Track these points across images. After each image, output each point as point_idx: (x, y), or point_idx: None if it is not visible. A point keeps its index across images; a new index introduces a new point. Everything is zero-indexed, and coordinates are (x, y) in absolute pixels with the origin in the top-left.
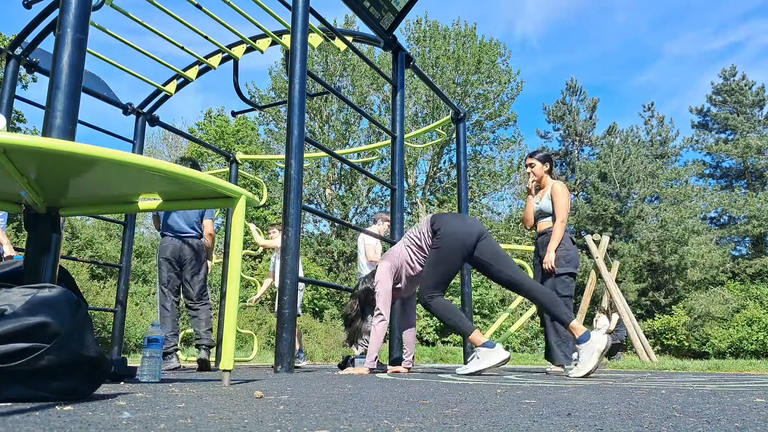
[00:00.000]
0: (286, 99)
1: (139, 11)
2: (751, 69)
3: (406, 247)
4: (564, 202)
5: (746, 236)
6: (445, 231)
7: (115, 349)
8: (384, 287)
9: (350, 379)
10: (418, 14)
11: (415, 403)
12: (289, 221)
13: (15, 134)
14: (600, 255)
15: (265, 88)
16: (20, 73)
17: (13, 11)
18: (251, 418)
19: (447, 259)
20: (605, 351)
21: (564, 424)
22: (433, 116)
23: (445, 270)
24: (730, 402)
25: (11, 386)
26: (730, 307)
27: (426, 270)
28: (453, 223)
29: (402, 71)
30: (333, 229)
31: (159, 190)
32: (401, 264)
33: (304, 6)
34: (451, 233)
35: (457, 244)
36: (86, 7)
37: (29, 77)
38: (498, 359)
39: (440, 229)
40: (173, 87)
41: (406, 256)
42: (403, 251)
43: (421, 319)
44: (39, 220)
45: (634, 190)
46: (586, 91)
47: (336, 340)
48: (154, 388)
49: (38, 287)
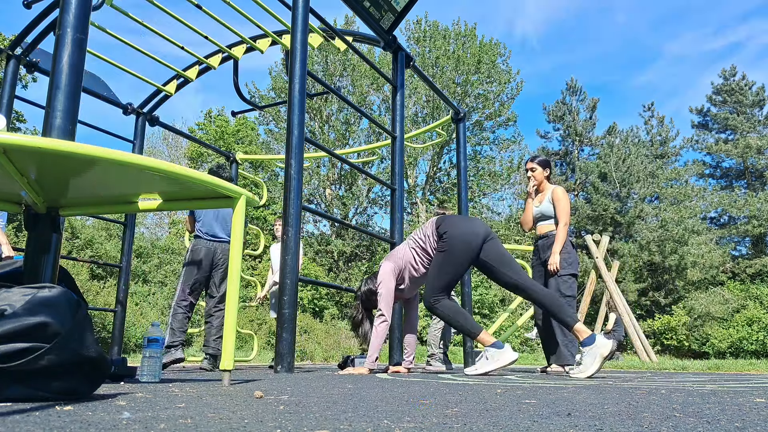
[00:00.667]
0: (286, 99)
1: (139, 11)
2: (751, 69)
3: (411, 249)
4: (566, 206)
5: (746, 236)
6: (452, 233)
7: (115, 349)
8: (387, 288)
9: (350, 379)
10: (418, 14)
11: (415, 403)
12: (289, 221)
13: (15, 134)
14: (600, 255)
15: (265, 88)
16: (20, 73)
17: (13, 11)
18: (251, 418)
19: (453, 262)
20: (609, 356)
21: (564, 424)
22: (433, 116)
23: (452, 272)
24: (730, 402)
25: (11, 386)
26: (730, 307)
27: (432, 272)
28: (459, 226)
29: (402, 71)
30: (333, 229)
31: (159, 190)
32: (405, 265)
33: (304, 6)
34: (458, 235)
35: (464, 246)
36: (86, 7)
37: (29, 77)
38: (507, 360)
39: (447, 232)
40: (173, 87)
41: (410, 257)
42: (408, 253)
43: (421, 320)
44: (39, 220)
45: (634, 190)
46: (586, 91)
47: (336, 340)
48: (154, 388)
49: (38, 287)
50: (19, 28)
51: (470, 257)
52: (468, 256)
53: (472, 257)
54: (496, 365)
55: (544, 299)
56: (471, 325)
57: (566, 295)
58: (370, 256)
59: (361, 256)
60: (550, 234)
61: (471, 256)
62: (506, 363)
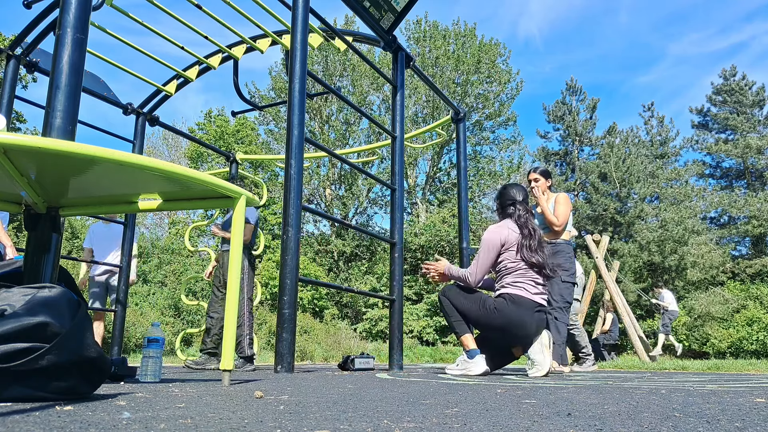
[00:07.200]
0: (286, 99)
1: (139, 11)
2: (752, 69)
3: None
4: (565, 210)
5: (746, 236)
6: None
7: (115, 349)
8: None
9: (350, 379)
10: (418, 14)
11: (415, 403)
12: (289, 221)
13: (15, 134)
14: (600, 255)
15: (265, 88)
16: (20, 73)
17: (13, 11)
18: (251, 418)
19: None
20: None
21: (564, 424)
22: (433, 116)
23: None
24: (730, 402)
25: (11, 386)
26: (730, 307)
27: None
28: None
29: (402, 71)
30: (333, 229)
31: (159, 190)
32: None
33: (304, 6)
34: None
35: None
36: (86, 7)
37: (29, 77)
38: (474, 372)
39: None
40: (173, 87)
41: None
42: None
43: (421, 320)
44: (39, 220)
45: (634, 190)
46: (586, 91)
47: (336, 340)
48: (154, 388)
49: (38, 287)
50: (19, 28)
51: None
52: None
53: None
54: (462, 374)
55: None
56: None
57: (567, 300)
58: (370, 256)
59: (361, 256)
60: (553, 241)
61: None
62: (473, 374)
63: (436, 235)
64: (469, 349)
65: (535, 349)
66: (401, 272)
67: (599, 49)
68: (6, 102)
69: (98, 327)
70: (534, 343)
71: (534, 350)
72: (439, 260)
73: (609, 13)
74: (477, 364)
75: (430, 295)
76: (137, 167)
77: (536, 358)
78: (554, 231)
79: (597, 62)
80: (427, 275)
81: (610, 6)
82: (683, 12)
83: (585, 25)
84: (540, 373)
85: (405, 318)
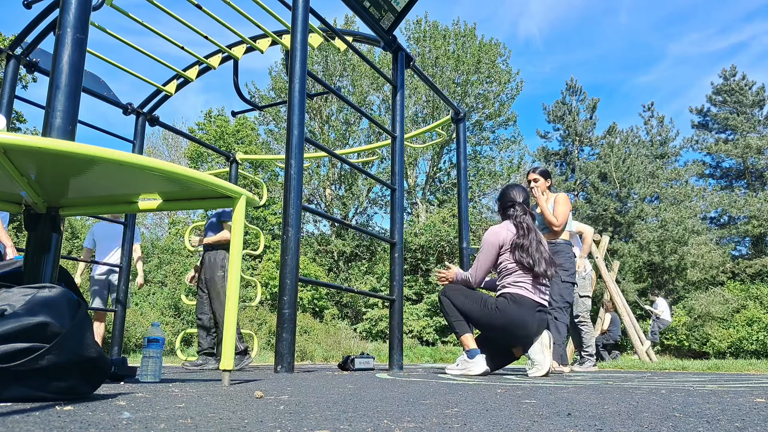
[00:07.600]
0: (286, 99)
1: (139, 11)
2: (752, 69)
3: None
4: (564, 210)
5: (746, 236)
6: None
7: (115, 349)
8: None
9: (350, 379)
10: (418, 14)
11: (415, 403)
12: (289, 221)
13: (15, 134)
14: (600, 255)
15: (265, 88)
16: (20, 73)
17: (13, 11)
18: (251, 418)
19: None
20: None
21: (564, 424)
22: (433, 116)
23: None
24: (730, 402)
25: (11, 386)
26: (730, 307)
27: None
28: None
29: (402, 71)
30: (333, 229)
31: (159, 190)
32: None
33: (304, 6)
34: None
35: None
36: (86, 7)
37: (29, 77)
38: (474, 372)
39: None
40: (173, 87)
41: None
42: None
43: (421, 320)
44: (39, 220)
45: (634, 190)
46: (586, 91)
47: (336, 340)
48: (154, 388)
49: (38, 287)
50: (19, 28)
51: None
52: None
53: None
54: (462, 373)
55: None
56: (459, 325)
57: (566, 300)
58: (370, 256)
59: (361, 256)
60: (553, 241)
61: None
62: (473, 374)
63: (436, 235)
64: (469, 348)
65: (536, 349)
66: (401, 272)
67: (599, 49)
68: (6, 102)
69: (99, 327)
70: (534, 343)
71: (534, 350)
72: (449, 267)
73: (609, 13)
74: (477, 364)
75: (430, 295)
76: (137, 167)
77: (536, 358)
78: (554, 231)
79: (597, 62)
80: (439, 282)
81: (610, 6)
82: (683, 12)
83: (585, 25)
84: (540, 373)
85: (405, 318)
